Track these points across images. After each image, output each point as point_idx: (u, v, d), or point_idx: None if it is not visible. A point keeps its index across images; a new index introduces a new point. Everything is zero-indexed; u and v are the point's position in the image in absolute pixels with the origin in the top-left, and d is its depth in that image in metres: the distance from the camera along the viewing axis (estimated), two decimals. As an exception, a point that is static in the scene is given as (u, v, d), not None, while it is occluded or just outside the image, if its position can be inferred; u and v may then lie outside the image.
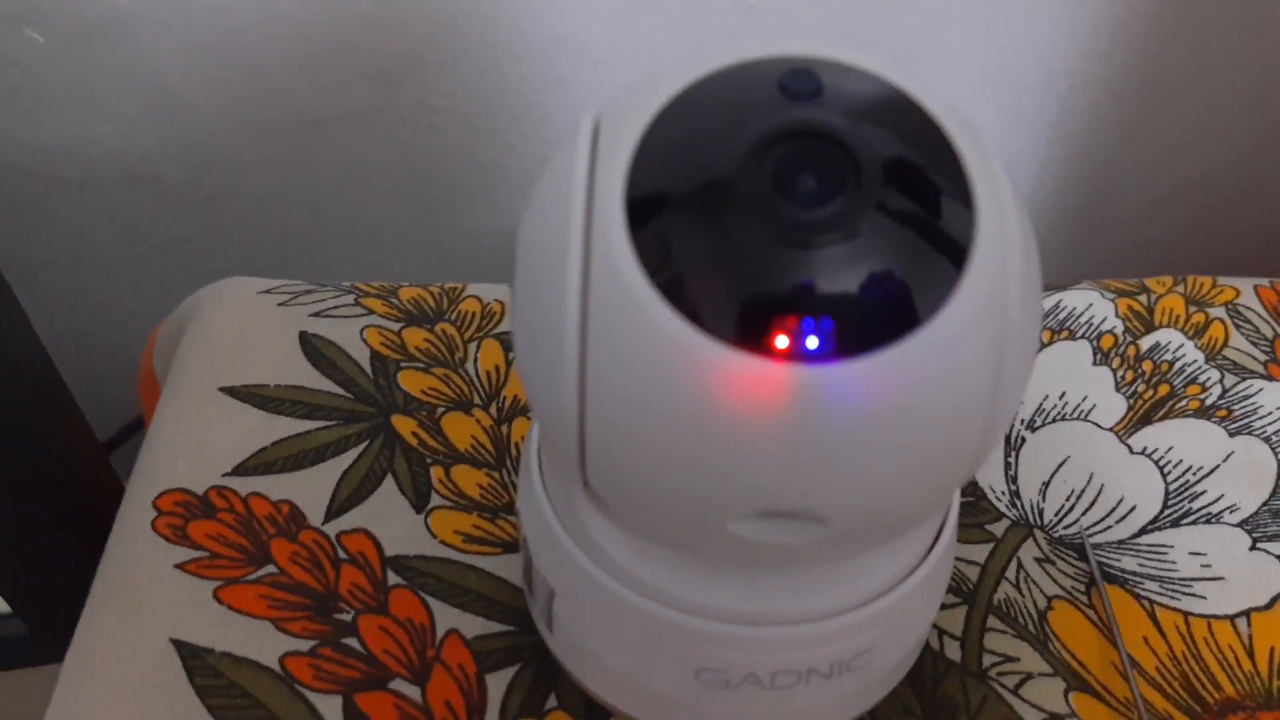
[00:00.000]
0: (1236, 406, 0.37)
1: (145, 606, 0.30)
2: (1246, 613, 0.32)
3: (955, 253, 0.19)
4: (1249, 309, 0.41)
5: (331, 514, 0.33)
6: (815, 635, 0.24)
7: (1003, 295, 0.20)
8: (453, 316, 0.39)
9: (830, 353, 0.19)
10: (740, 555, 0.23)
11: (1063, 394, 0.37)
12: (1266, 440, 0.36)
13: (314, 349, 0.37)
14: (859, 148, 0.19)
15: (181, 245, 0.59)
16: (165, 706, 0.28)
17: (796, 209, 0.19)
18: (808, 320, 0.19)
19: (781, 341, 0.19)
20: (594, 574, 0.25)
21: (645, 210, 0.20)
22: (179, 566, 0.31)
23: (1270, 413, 0.37)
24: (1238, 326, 0.40)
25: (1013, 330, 0.20)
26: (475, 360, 0.38)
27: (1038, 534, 0.34)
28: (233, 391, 0.36)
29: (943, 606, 0.31)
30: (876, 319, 0.19)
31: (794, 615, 0.24)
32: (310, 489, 0.33)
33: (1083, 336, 0.39)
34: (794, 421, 0.19)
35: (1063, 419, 0.37)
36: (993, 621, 0.31)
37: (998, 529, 0.34)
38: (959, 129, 0.21)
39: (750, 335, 0.19)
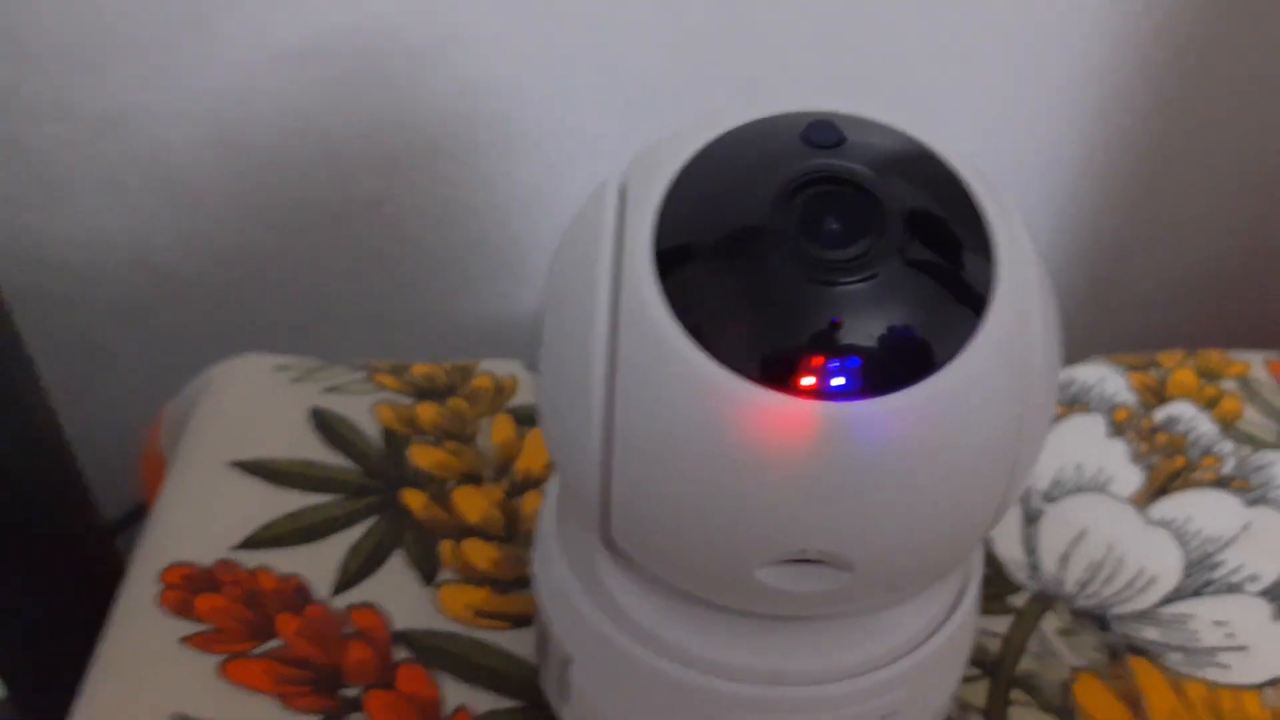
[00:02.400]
0: (1253, 476, 0.37)
1: (147, 681, 0.30)
2: (1273, 681, 0.31)
3: (976, 297, 0.20)
4: (1260, 382, 0.41)
5: (339, 588, 0.32)
6: (841, 695, 0.23)
7: (1023, 341, 0.20)
8: (465, 392, 0.39)
9: (855, 390, 0.19)
10: (766, 607, 0.22)
11: (1079, 465, 0.37)
12: (1285, 511, 0.36)
13: (325, 423, 0.37)
14: (881, 192, 0.20)
15: (189, 332, 0.60)
16: (166, 784, 0.27)
17: (822, 251, 0.19)
18: (834, 359, 0.19)
19: (808, 379, 0.19)
20: (613, 636, 0.24)
21: (674, 257, 0.20)
22: (183, 640, 0.31)
23: (1287, 484, 0.37)
24: (1250, 399, 0.40)
25: (1034, 377, 0.20)
26: (487, 434, 0.38)
27: (1059, 605, 0.33)
28: (242, 466, 0.36)
29: (965, 679, 0.30)
30: (900, 358, 0.19)
31: (819, 674, 0.23)
32: (318, 563, 0.33)
33: (1096, 410, 0.39)
34: (820, 458, 0.19)
35: (1080, 490, 0.36)
36: (1016, 694, 0.30)
37: (1018, 600, 0.33)
38: (978, 182, 0.21)
39: (777, 374, 0.19)
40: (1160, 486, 0.37)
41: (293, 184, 0.58)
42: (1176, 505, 0.36)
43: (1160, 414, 0.39)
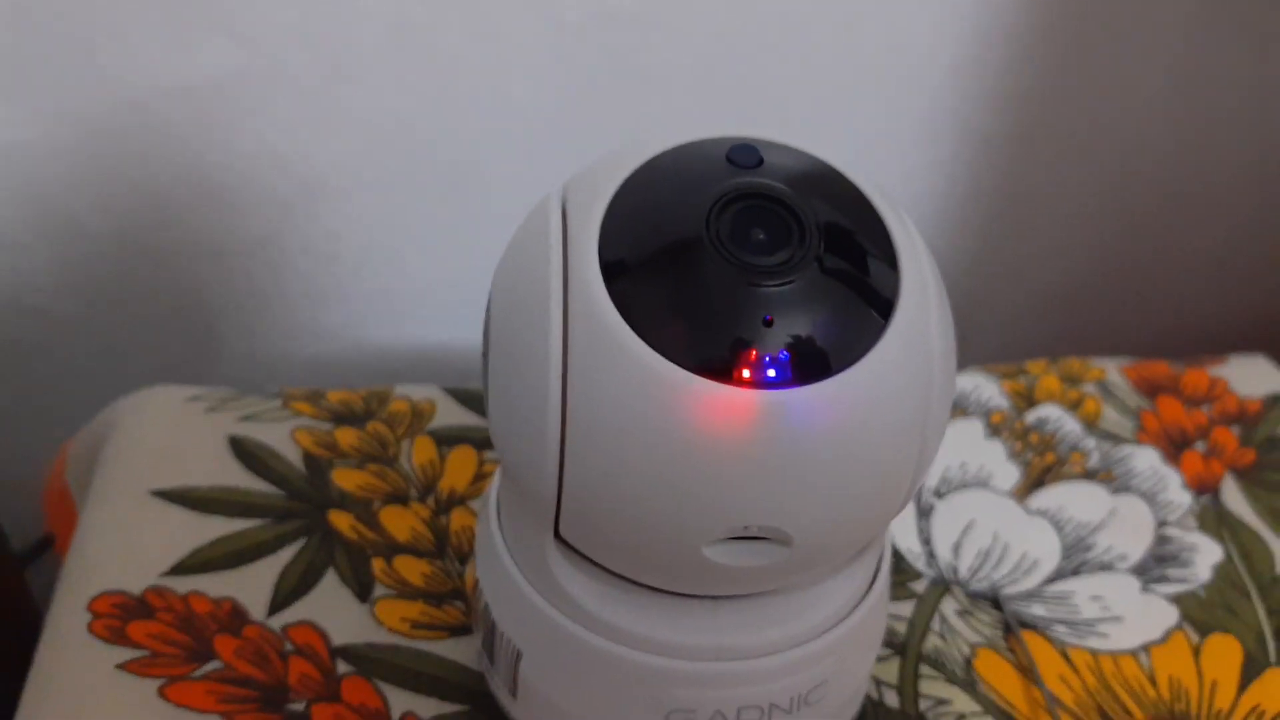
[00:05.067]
0: (1115, 468, 0.41)
1: (87, 709, 0.30)
2: (1145, 647, 0.34)
3: (885, 300, 0.22)
4: (1116, 384, 0.45)
5: (275, 608, 0.33)
6: (776, 667, 0.25)
7: (926, 336, 0.23)
8: (382, 416, 0.40)
9: (786, 380, 0.21)
10: (711, 586, 0.24)
11: (963, 464, 0.40)
12: (1143, 496, 0.40)
13: (245, 450, 0.38)
14: (800, 206, 0.22)
15: (75, 373, 0.58)
16: (114, 806, 0.27)
17: (751, 257, 0.22)
18: (767, 354, 0.21)
19: (746, 371, 0.21)
20: (564, 625, 0.26)
21: (619, 266, 0.22)
22: (120, 667, 0.31)
23: (1142, 472, 0.41)
24: (1108, 399, 0.44)
25: (935, 367, 0.23)
26: (409, 456, 0.39)
27: (955, 589, 0.36)
28: (164, 494, 0.36)
29: (878, 659, 0.33)
30: (823, 352, 0.22)
31: (756, 649, 0.25)
32: (250, 585, 0.33)
33: (974, 414, 0.43)
34: (758, 441, 0.21)
35: (965, 486, 0.40)
36: (924, 669, 0.33)
37: (919, 586, 0.36)
38: (880, 198, 0.24)
39: (719, 367, 0.21)
40: (1036, 480, 0.40)
41: (179, 221, 0.57)
42: (1051, 496, 0.40)
43: (1031, 416, 0.43)
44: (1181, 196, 0.66)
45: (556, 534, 0.25)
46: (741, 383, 0.21)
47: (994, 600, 0.35)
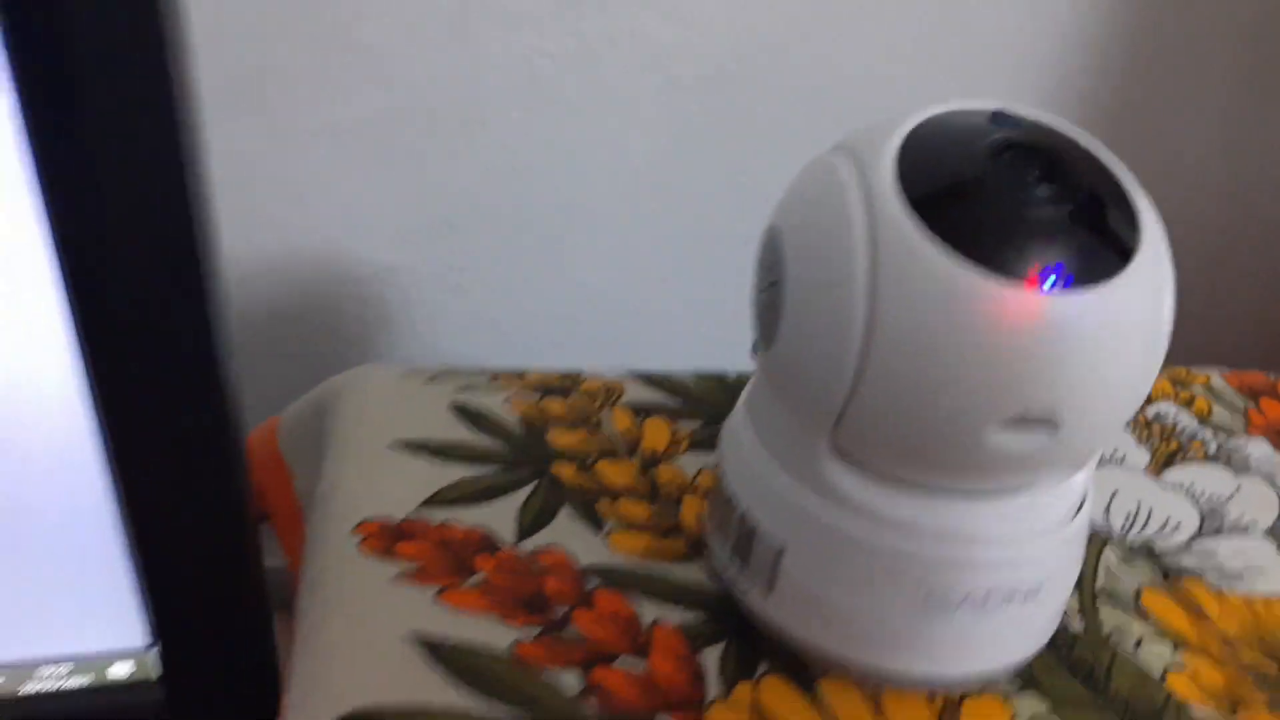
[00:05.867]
0: (1232, 455, 0.45)
1: (373, 611, 0.33)
2: (1292, 592, 0.39)
3: (1132, 229, 0.27)
4: (1220, 389, 0.50)
5: (521, 537, 0.37)
6: (1018, 557, 0.30)
7: (1161, 263, 0.28)
8: (580, 392, 0.44)
9: (1065, 286, 0.26)
10: (979, 474, 0.28)
11: (1099, 445, 0.45)
12: (1264, 478, 0.44)
13: (469, 412, 0.42)
14: (1063, 152, 0.27)
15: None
16: (413, 684, 0.31)
17: (1034, 189, 0.27)
18: (1049, 264, 0.26)
19: (1035, 276, 0.26)
20: (833, 521, 0.30)
21: (921, 199, 0.27)
22: (394, 579, 0.34)
23: (1259, 458, 0.45)
24: (1215, 400, 0.49)
25: (1165, 290, 0.28)
26: (609, 423, 0.43)
27: (1112, 542, 0.40)
28: (405, 445, 0.40)
29: (1057, 593, 0.37)
30: (1090, 265, 0.26)
31: (1005, 538, 0.29)
32: (495, 519, 0.37)
33: (1100, 407, 0.47)
34: (1041, 335, 0.26)
35: (1104, 464, 0.44)
36: (1101, 602, 0.37)
37: (1081, 539, 0.40)
38: (1100, 147, 0.29)
39: (1012, 273, 0.26)
40: (1164, 461, 0.45)
41: (314, 248, 0.63)
42: (1181, 474, 0.44)
43: (1150, 411, 0.48)
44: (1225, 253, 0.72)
45: (835, 446, 0.29)
46: (1030, 287, 0.26)
47: (1149, 552, 0.40)
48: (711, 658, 0.33)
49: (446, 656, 0.32)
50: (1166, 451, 0.45)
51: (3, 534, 0.33)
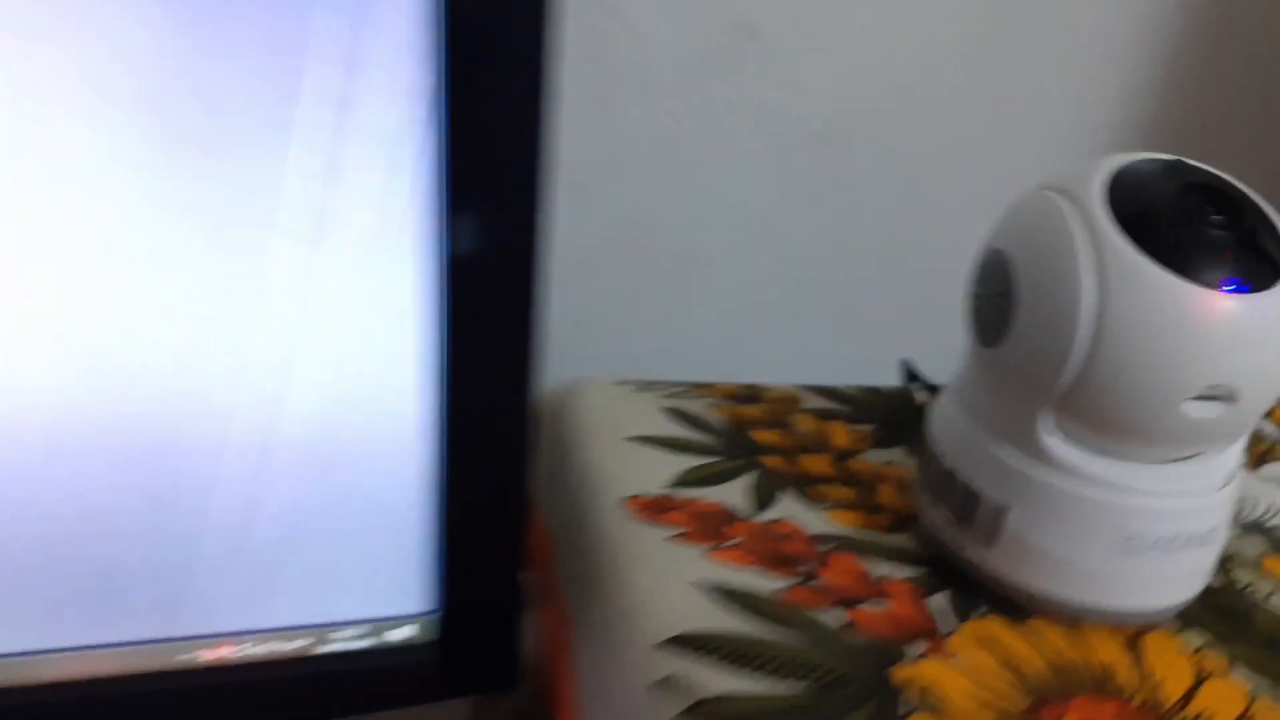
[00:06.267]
0: (1313, 455, 0.54)
1: (665, 566, 0.40)
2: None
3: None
4: (1290, 402, 0.58)
5: (759, 509, 0.44)
6: (1196, 507, 0.38)
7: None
8: (764, 401, 0.52)
9: (1246, 290, 0.34)
10: (1173, 440, 0.36)
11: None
12: (1340, 474, 0.53)
13: (681, 414, 0.50)
14: (1234, 192, 0.36)
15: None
16: (714, 617, 0.38)
17: (1214, 217, 0.35)
18: (1234, 274, 0.34)
19: (1226, 282, 0.34)
20: (1053, 481, 0.38)
21: (1133, 225, 0.35)
22: (669, 540, 0.42)
23: (1334, 460, 0.54)
24: (1288, 412, 0.58)
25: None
26: (796, 426, 0.50)
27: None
28: (638, 439, 0.47)
29: (1195, 558, 0.44)
30: (1262, 274, 0.35)
31: (1189, 492, 0.37)
32: (730, 497, 0.45)
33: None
34: (1228, 327, 0.34)
35: (1208, 461, 0.52)
36: (1229, 565, 0.45)
37: (1204, 518, 0.48)
38: (1254, 194, 0.37)
39: (1209, 280, 0.34)
40: (1258, 459, 0.53)
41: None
42: (1273, 470, 0.52)
43: (1236, 421, 0.56)
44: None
45: (1059, 421, 0.37)
46: (1217, 291, 0.34)
47: (1260, 529, 0.48)
48: (938, 603, 0.40)
49: (735, 596, 0.39)
50: (1258, 452, 0.54)
51: (332, 514, 0.40)
